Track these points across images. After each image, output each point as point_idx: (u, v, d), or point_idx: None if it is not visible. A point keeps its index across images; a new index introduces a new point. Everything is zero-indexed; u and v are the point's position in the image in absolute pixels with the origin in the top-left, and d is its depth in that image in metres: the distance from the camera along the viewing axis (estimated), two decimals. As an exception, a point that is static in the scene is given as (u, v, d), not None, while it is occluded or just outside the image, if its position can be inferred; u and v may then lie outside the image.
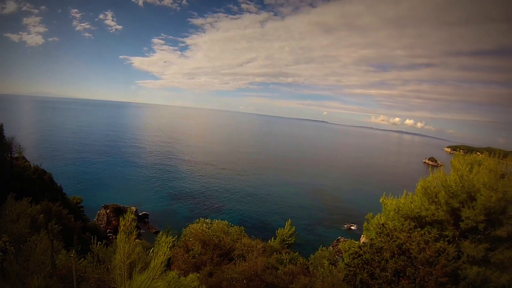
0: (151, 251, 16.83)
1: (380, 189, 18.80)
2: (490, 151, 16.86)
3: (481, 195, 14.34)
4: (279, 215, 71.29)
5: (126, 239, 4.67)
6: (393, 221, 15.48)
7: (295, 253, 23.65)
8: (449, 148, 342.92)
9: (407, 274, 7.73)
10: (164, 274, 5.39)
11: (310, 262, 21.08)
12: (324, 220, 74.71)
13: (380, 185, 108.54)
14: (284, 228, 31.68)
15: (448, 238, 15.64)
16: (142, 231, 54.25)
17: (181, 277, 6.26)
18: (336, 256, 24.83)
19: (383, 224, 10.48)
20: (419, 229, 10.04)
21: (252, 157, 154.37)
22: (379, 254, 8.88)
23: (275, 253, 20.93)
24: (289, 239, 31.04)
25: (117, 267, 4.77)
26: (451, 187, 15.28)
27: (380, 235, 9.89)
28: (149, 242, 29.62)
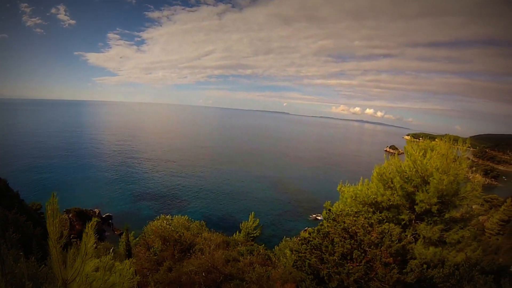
0: (111, 251, 16.48)
1: (343, 178, 19.07)
2: (455, 139, 17.47)
3: (433, 178, 14.83)
4: (243, 208, 71.59)
5: (54, 221, 4.47)
6: (351, 208, 15.82)
7: (260, 245, 23.75)
8: (409, 136, 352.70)
9: (354, 257, 7.83)
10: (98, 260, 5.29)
11: (274, 253, 21.27)
12: (289, 211, 75.71)
13: (343, 174, 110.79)
14: (248, 221, 31.68)
15: (404, 221, 16.14)
16: (107, 233, 53.05)
17: (116, 262, 6.13)
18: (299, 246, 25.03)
19: (329, 209, 10.64)
20: (363, 212, 10.22)
21: (213, 152, 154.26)
22: (327, 239, 8.97)
23: (238, 246, 20.93)
24: (254, 232, 31.04)
25: (52, 253, 4.57)
26: (406, 172, 15.73)
27: (327, 220, 10.01)
28: (114, 244, 29.00)
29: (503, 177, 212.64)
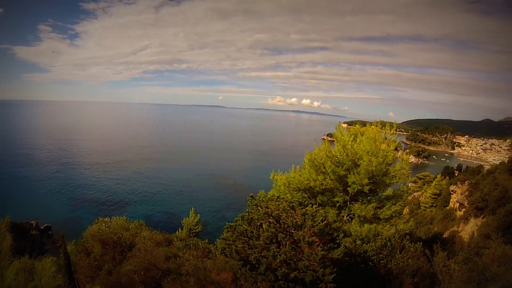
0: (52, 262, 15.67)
1: (283, 169, 19.56)
2: (382, 124, 18.41)
3: (363, 161, 15.73)
4: (185, 205, 70.46)
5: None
6: (285, 195, 16.43)
7: (204, 240, 23.76)
8: (346, 124, 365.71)
9: (278, 240, 8.27)
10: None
11: (216, 245, 21.44)
12: (230, 204, 76.60)
13: (281, 164, 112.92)
14: (189, 217, 31.49)
15: (339, 203, 17.01)
16: (47, 246, 49.99)
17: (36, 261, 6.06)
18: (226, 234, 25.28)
19: (252, 196, 11.03)
20: (284, 197, 10.71)
21: (151, 151, 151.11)
22: (252, 224, 9.37)
23: (179, 242, 20.90)
24: (196, 227, 30.93)
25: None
26: (337, 157, 16.54)
27: (250, 207, 10.42)
28: (56, 256, 27.53)
29: (434, 157, 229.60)
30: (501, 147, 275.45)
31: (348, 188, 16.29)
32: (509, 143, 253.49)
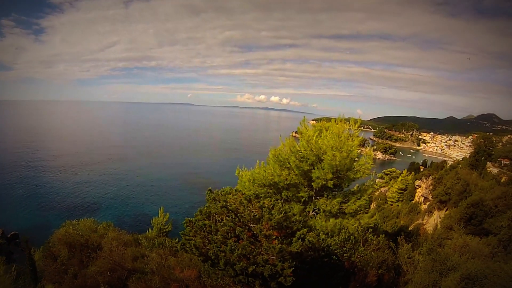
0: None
1: (252, 165, 19.36)
2: (346, 120, 18.53)
3: (327, 156, 15.81)
4: (155, 204, 69.03)
5: None
6: (249, 191, 16.32)
7: (174, 239, 23.38)
8: (314, 121, 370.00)
9: (236, 234, 8.14)
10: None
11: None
12: (201, 202, 75.08)
13: (252, 161, 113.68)
14: (158, 216, 31.06)
15: (304, 198, 17.06)
16: (15, 255, 47.64)
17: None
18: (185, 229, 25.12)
19: (210, 190, 10.89)
20: (241, 190, 10.65)
21: (119, 151, 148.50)
22: (210, 218, 9.24)
23: (147, 242, 20.51)
24: (165, 227, 30.54)
25: None
26: (301, 152, 16.56)
27: (209, 201, 10.28)
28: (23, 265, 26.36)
29: (400, 153, 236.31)
30: (463, 143, 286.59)
31: (312, 183, 16.38)
32: (471, 139, 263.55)
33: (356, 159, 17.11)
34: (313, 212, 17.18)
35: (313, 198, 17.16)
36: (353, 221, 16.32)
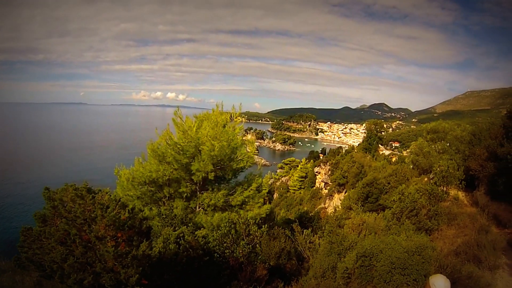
0: None
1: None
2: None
3: (205, 146, 14.88)
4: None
5: None
6: (129, 191, 14.93)
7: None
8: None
9: (72, 238, 6.69)
10: None
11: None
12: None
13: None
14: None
15: (186, 194, 15.94)
16: None
17: None
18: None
19: (47, 188, 9.30)
20: (73, 185, 9.27)
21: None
22: (45, 223, 7.72)
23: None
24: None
25: None
26: (179, 144, 15.43)
27: (46, 202, 8.72)
28: None
29: (299, 143, 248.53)
30: (358, 131, 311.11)
31: (193, 177, 15.28)
32: (365, 126, 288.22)
33: (239, 148, 16.49)
34: (200, 208, 16.15)
35: (198, 193, 16.13)
36: (242, 213, 15.60)
